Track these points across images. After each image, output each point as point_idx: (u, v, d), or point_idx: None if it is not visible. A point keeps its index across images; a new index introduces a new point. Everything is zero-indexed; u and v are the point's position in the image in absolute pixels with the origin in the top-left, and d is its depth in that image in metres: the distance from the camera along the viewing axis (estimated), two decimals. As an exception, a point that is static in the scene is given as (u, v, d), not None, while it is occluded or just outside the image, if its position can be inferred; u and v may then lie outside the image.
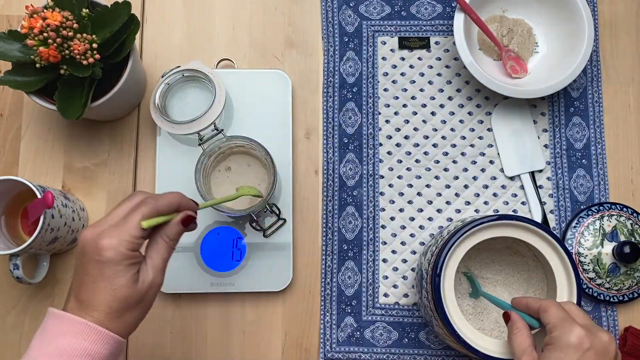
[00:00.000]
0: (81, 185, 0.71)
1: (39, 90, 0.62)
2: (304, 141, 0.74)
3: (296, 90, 0.75)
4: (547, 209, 0.72)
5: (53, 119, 0.72)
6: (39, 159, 0.72)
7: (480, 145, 0.73)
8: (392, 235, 0.71)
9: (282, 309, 0.70)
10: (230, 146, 0.67)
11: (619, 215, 0.70)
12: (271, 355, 0.69)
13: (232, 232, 0.69)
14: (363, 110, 0.74)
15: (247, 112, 0.72)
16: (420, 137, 0.74)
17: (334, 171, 0.73)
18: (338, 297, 0.70)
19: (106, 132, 0.73)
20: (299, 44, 0.76)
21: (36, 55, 0.57)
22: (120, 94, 0.64)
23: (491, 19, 0.75)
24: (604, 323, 0.70)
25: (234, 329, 0.69)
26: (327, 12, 0.76)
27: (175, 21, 0.76)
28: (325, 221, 0.71)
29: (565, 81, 0.69)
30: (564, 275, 0.58)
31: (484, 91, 0.74)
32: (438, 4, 0.77)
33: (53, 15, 0.57)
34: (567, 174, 0.73)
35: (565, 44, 0.73)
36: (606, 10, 0.77)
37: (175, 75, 0.68)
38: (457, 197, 0.72)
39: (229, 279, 0.68)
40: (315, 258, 0.71)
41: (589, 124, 0.74)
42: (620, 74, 0.76)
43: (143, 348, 0.69)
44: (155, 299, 0.51)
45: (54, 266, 0.68)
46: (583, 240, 0.69)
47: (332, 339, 0.69)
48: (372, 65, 0.75)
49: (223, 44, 0.76)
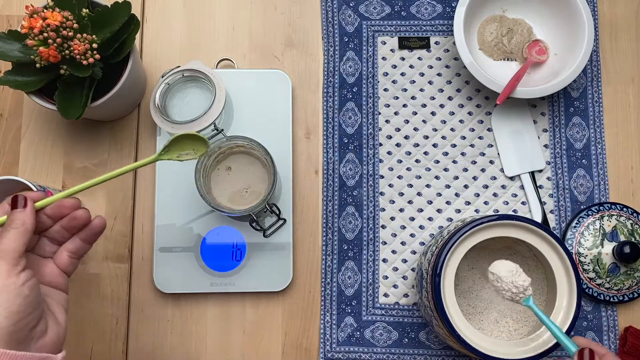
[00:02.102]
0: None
1: (39, 90, 0.62)
2: (304, 141, 0.74)
3: (296, 90, 0.75)
4: (547, 209, 0.72)
5: (53, 119, 0.72)
6: (39, 159, 0.72)
7: (480, 145, 0.73)
8: (392, 235, 0.71)
9: (282, 309, 0.70)
10: (230, 146, 0.67)
11: (619, 215, 0.70)
12: (271, 355, 0.69)
13: (232, 232, 0.69)
14: (363, 110, 0.74)
15: (247, 112, 0.72)
16: (420, 137, 0.74)
17: (334, 171, 0.73)
18: (338, 297, 0.70)
19: (106, 132, 0.73)
20: (299, 44, 0.76)
21: (36, 55, 0.57)
22: (120, 94, 0.64)
23: (491, 19, 0.75)
24: (604, 323, 0.70)
25: (234, 329, 0.69)
26: (327, 12, 0.76)
27: (175, 21, 0.76)
28: (325, 221, 0.71)
29: (565, 81, 0.69)
30: (564, 275, 0.58)
31: (484, 91, 0.75)
32: (438, 4, 0.77)
33: (53, 15, 0.57)
34: (567, 174, 0.73)
35: (565, 44, 0.73)
36: (606, 10, 0.77)
37: (175, 75, 0.68)
38: (457, 197, 0.72)
39: (229, 279, 0.68)
40: (315, 258, 0.71)
41: (589, 124, 0.74)
42: (620, 74, 0.76)
43: (143, 348, 0.69)
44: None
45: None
46: (583, 240, 0.69)
47: (332, 339, 0.69)
48: (372, 65, 0.75)
49: (223, 44, 0.76)
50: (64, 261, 0.49)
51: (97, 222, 0.50)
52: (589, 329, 0.69)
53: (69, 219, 0.49)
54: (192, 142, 0.55)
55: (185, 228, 0.69)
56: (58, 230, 0.49)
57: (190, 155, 0.56)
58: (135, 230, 0.71)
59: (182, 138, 0.55)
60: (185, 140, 0.55)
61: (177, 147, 0.55)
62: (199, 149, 0.56)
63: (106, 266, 0.69)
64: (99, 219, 0.50)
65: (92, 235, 0.50)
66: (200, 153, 0.56)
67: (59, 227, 0.49)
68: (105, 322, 0.68)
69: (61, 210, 0.49)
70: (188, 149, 0.56)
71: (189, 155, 0.56)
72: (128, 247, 0.70)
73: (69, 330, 0.68)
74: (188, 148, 0.56)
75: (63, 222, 0.49)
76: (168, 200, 0.69)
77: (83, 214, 0.49)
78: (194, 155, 0.56)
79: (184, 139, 0.55)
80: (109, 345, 0.68)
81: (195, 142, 0.55)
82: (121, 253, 0.70)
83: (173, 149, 0.55)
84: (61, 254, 0.50)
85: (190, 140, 0.55)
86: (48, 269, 0.49)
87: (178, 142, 0.55)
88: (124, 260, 0.70)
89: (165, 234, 0.69)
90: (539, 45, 0.74)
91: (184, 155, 0.55)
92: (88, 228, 0.50)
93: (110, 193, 0.71)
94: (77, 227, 0.50)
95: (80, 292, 0.69)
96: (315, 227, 0.72)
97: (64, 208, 0.49)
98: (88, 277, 0.69)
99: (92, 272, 0.69)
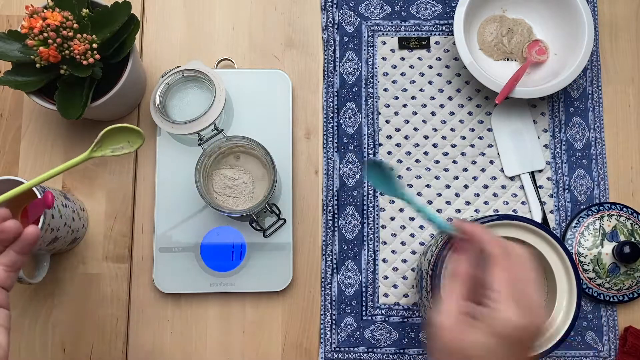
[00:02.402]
0: (81, 185, 0.71)
1: (39, 90, 0.62)
2: (304, 141, 0.74)
3: (296, 90, 0.75)
4: (547, 209, 0.72)
5: (53, 119, 0.72)
6: (39, 159, 0.72)
7: (480, 145, 0.73)
8: (392, 235, 0.71)
9: (282, 309, 0.70)
10: (230, 146, 0.67)
11: (619, 215, 0.70)
12: (271, 355, 0.69)
13: (232, 232, 0.69)
14: (363, 110, 0.74)
15: (247, 112, 0.72)
16: (420, 137, 0.74)
17: (334, 171, 0.73)
18: (338, 297, 0.70)
19: (106, 132, 0.73)
20: (299, 44, 0.76)
21: (36, 55, 0.57)
22: (120, 94, 0.64)
23: (491, 19, 0.75)
24: (604, 323, 0.69)
25: (234, 329, 0.69)
26: (327, 12, 0.76)
27: (175, 21, 0.76)
28: (325, 221, 0.71)
29: (565, 81, 0.69)
30: (564, 275, 0.58)
31: (484, 91, 0.75)
32: (438, 4, 0.77)
33: (53, 15, 0.57)
34: (567, 174, 0.73)
35: (565, 44, 0.73)
36: (606, 10, 0.77)
37: (175, 75, 0.68)
38: (457, 197, 0.72)
39: (229, 279, 0.68)
40: (315, 258, 0.71)
41: (589, 124, 0.74)
42: (620, 74, 0.76)
43: (143, 348, 0.69)
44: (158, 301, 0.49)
45: (54, 266, 0.68)
46: (583, 240, 0.69)
47: (332, 339, 0.69)
48: (372, 65, 0.75)
49: (223, 44, 0.76)
50: (0, 276, 0.46)
51: (30, 232, 0.46)
52: (589, 329, 0.69)
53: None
54: (126, 134, 0.51)
55: (185, 228, 0.69)
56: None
57: (126, 149, 0.51)
58: (135, 230, 0.71)
59: (113, 132, 0.51)
60: (118, 134, 0.51)
61: (109, 142, 0.51)
62: (134, 141, 0.52)
63: (106, 266, 0.69)
64: (30, 229, 0.46)
65: (25, 246, 0.46)
66: (137, 145, 0.51)
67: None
68: (105, 322, 0.68)
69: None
70: (123, 141, 0.52)
71: (124, 149, 0.51)
72: (128, 247, 0.70)
73: (69, 330, 0.68)
74: (123, 141, 0.52)
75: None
76: (168, 200, 0.69)
77: (12, 225, 0.45)
78: (130, 148, 0.51)
79: (116, 132, 0.51)
80: (109, 345, 0.68)
81: (129, 134, 0.51)
82: (121, 253, 0.70)
83: (105, 144, 0.51)
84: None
85: (124, 133, 0.51)
86: None
87: (109, 136, 0.51)
88: (124, 260, 0.70)
89: (165, 234, 0.69)
90: (539, 45, 0.74)
91: (119, 149, 0.51)
92: (20, 239, 0.46)
93: (110, 193, 0.71)
94: (7, 240, 0.46)
95: (80, 292, 0.69)
96: (315, 227, 0.72)
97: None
98: (88, 277, 0.69)
99: (92, 272, 0.69)
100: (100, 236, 0.70)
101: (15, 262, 0.47)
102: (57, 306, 0.68)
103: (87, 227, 0.70)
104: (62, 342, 0.68)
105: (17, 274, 0.48)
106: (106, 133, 0.51)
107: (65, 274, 0.69)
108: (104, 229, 0.70)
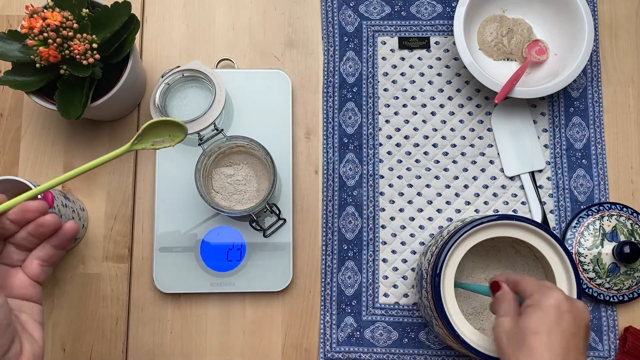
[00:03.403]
0: (81, 185, 0.71)
1: (39, 90, 0.62)
2: (304, 141, 0.74)
3: (296, 90, 0.75)
4: (547, 209, 0.72)
5: (53, 119, 0.72)
6: (39, 159, 0.72)
7: (480, 145, 0.73)
8: (392, 235, 0.71)
9: (282, 309, 0.70)
10: (230, 146, 0.67)
11: (619, 215, 0.70)
12: (271, 355, 0.69)
13: (232, 232, 0.69)
14: (363, 110, 0.74)
15: (247, 112, 0.72)
16: (420, 137, 0.74)
17: (334, 171, 0.73)
18: (338, 297, 0.70)
19: (106, 132, 0.73)
20: (299, 44, 0.76)
21: (36, 55, 0.57)
22: (120, 94, 0.64)
23: (491, 19, 0.75)
24: (604, 323, 0.70)
25: (234, 329, 0.69)
26: (327, 12, 0.76)
27: (175, 21, 0.76)
28: (325, 221, 0.71)
29: (565, 81, 0.69)
30: (564, 275, 0.58)
31: (484, 91, 0.75)
32: (438, 4, 0.77)
33: (53, 15, 0.57)
34: (567, 174, 0.73)
35: (565, 44, 0.73)
36: (606, 10, 0.77)
37: (175, 75, 0.68)
38: (457, 197, 0.72)
39: (229, 279, 0.68)
40: (315, 258, 0.71)
41: (589, 124, 0.74)
42: (620, 74, 0.76)
43: (143, 348, 0.69)
44: None
45: (54, 266, 0.68)
46: (583, 240, 0.69)
47: (332, 339, 0.69)
48: (372, 65, 0.75)
49: (223, 44, 0.76)
50: (34, 270, 0.45)
51: (69, 227, 0.45)
52: (589, 329, 0.69)
53: (35, 226, 0.44)
54: (169, 128, 0.50)
55: (185, 228, 0.69)
56: (25, 236, 0.44)
57: (166, 143, 0.50)
58: (135, 230, 0.71)
59: (156, 125, 0.50)
60: (161, 127, 0.50)
61: (151, 135, 0.50)
62: (176, 134, 0.51)
63: (106, 266, 0.69)
64: (70, 224, 0.45)
65: (63, 241, 0.46)
66: (178, 139, 0.50)
67: (26, 233, 0.44)
68: (105, 322, 0.68)
69: (25, 215, 0.43)
70: (164, 135, 0.50)
71: (165, 143, 0.50)
72: (128, 247, 0.70)
73: (69, 330, 0.68)
74: (164, 135, 0.50)
75: (29, 229, 0.44)
76: (168, 200, 0.69)
77: (51, 219, 0.44)
78: (170, 142, 0.50)
79: (159, 125, 0.50)
80: (109, 345, 0.68)
81: (172, 128, 0.50)
82: (121, 253, 0.70)
83: (147, 137, 0.50)
84: (31, 263, 0.45)
85: (167, 127, 0.50)
86: (17, 280, 0.44)
87: (152, 129, 0.50)
88: (124, 260, 0.70)
89: (165, 233, 0.69)
90: (539, 45, 0.74)
91: (160, 142, 0.50)
92: (59, 234, 0.45)
93: (110, 193, 0.71)
94: (45, 234, 0.45)
95: (80, 292, 0.69)
96: (315, 227, 0.72)
97: (29, 212, 0.43)
98: (88, 277, 0.69)
99: (92, 272, 0.69)
100: (100, 236, 0.70)
101: (51, 256, 0.46)
102: (57, 306, 0.68)
103: (87, 227, 0.70)
104: (62, 342, 0.68)
105: (51, 269, 0.47)
106: (148, 126, 0.49)
107: (65, 274, 0.69)
108: (104, 229, 0.70)
